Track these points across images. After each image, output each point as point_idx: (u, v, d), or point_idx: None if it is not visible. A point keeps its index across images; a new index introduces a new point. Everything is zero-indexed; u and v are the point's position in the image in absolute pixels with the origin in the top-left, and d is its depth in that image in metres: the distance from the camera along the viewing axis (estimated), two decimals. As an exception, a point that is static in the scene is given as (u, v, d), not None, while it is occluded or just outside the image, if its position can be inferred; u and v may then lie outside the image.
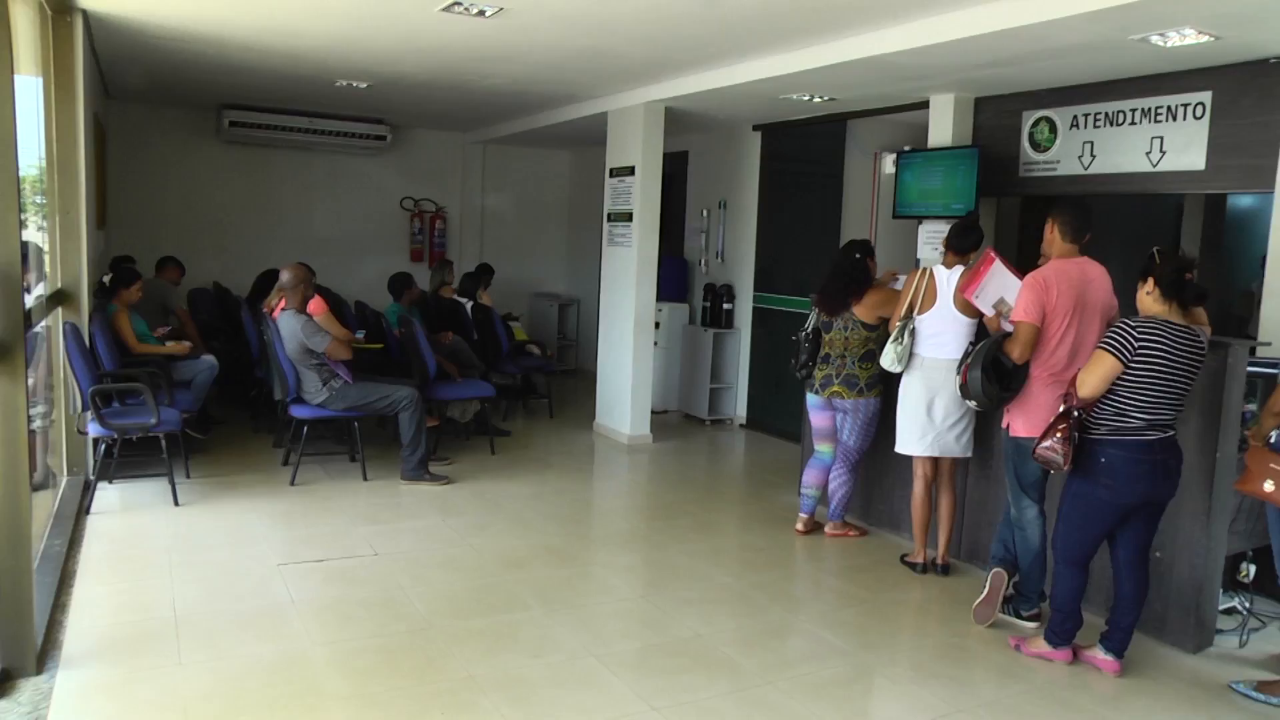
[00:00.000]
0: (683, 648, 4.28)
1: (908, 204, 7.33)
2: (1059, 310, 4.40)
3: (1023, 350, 4.44)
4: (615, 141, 8.74)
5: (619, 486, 7.45)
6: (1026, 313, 4.42)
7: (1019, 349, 4.45)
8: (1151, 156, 6.11)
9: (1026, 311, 4.42)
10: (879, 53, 5.83)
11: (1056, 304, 4.40)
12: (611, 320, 8.79)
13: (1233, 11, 4.68)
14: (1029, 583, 4.74)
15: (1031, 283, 4.45)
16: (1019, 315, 4.45)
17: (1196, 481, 4.45)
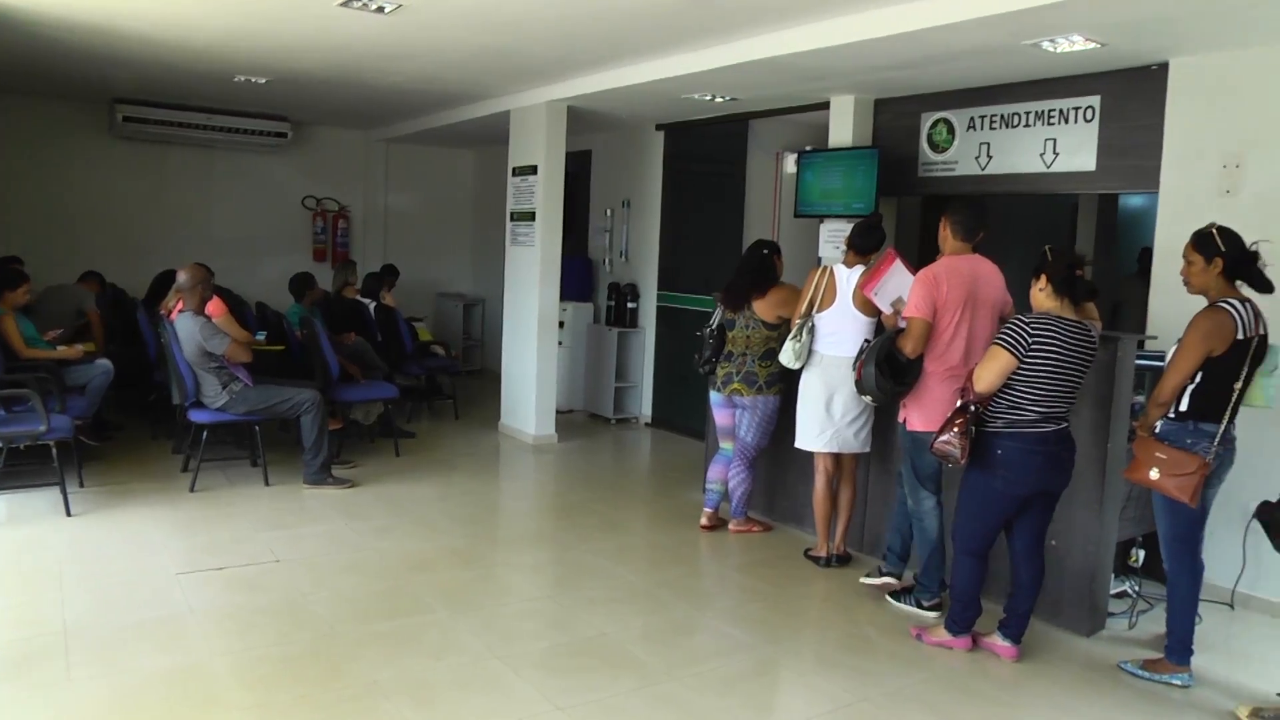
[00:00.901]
0: (588, 647, 4.30)
1: (809, 203, 7.46)
2: (950, 305, 4.54)
3: (915, 345, 4.57)
4: (518, 140, 8.72)
5: (524, 487, 7.45)
6: (918, 308, 4.55)
7: (911, 344, 4.57)
8: (1045, 158, 6.32)
9: (918, 307, 4.55)
10: (779, 54, 5.93)
11: (947, 299, 4.53)
12: (515, 320, 8.78)
13: (1116, 20, 4.89)
14: (929, 573, 4.87)
15: (922, 279, 4.58)
16: (910, 311, 4.58)
17: (1089, 471, 4.63)
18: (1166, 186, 5.65)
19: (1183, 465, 3.99)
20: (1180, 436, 4.10)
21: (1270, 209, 5.00)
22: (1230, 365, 4.00)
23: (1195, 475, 3.97)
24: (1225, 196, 5.29)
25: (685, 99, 7.68)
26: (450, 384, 9.70)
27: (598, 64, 7.17)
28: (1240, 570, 4.75)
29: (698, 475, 7.03)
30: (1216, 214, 4.33)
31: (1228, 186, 5.31)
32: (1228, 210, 4.60)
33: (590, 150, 10.30)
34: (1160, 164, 5.67)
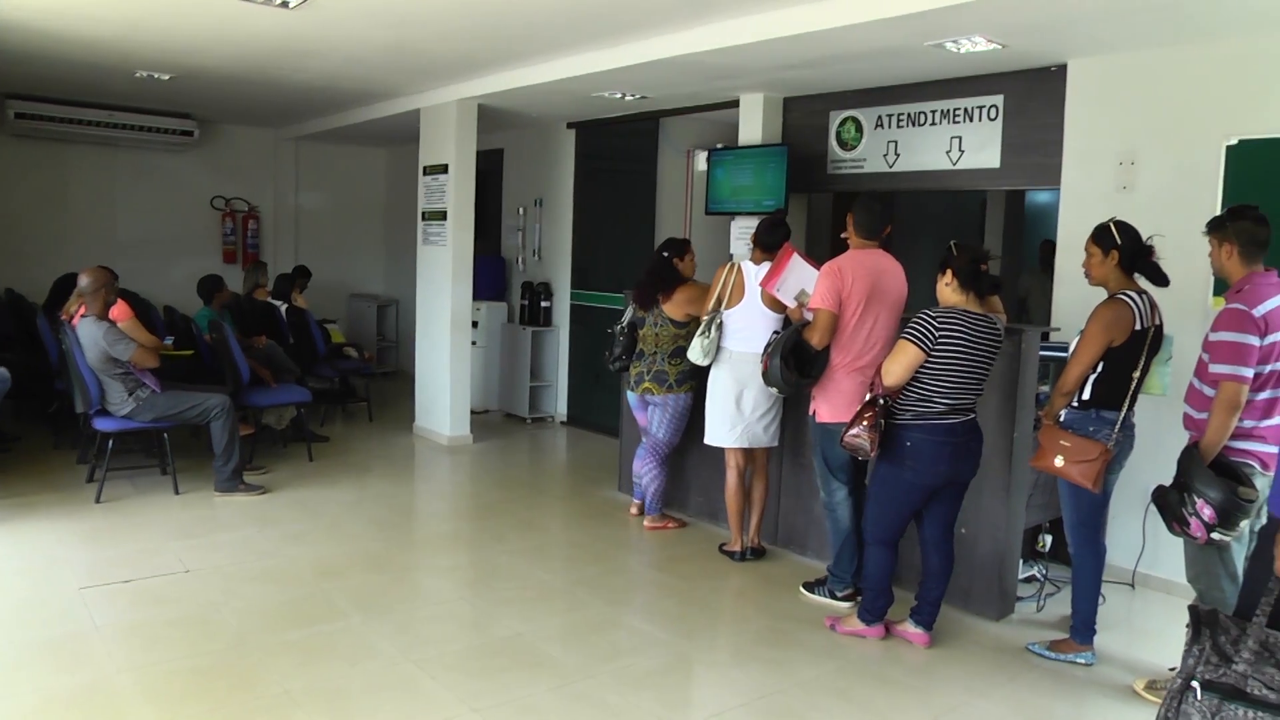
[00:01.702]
0: (503, 647, 4.28)
1: (720, 200, 7.51)
2: (854, 296, 4.61)
3: (821, 335, 4.63)
4: (428, 139, 8.64)
5: (440, 488, 7.38)
6: (823, 300, 4.61)
7: (818, 334, 4.63)
8: (951, 155, 6.46)
9: (823, 299, 4.61)
10: (687, 53, 5.95)
11: (851, 290, 4.61)
12: (428, 320, 8.70)
13: (1016, 23, 5.01)
14: (841, 563, 4.94)
15: (827, 271, 4.65)
16: (816, 303, 4.64)
17: (996, 460, 4.74)
18: (1067, 183, 5.81)
19: (1086, 452, 4.10)
20: (1083, 424, 4.21)
21: (1163, 204, 5.17)
22: (1129, 355, 4.12)
23: (1097, 462, 4.08)
24: (1122, 192, 5.46)
25: (595, 97, 7.68)
26: (364, 386, 9.59)
27: (507, 62, 7.14)
28: (1140, 552, 4.93)
29: (613, 473, 7.07)
30: (1114, 209, 4.48)
31: (1124, 183, 5.48)
32: (1124, 206, 4.75)
33: (502, 149, 10.24)
34: (1061, 161, 5.83)
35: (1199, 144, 5.20)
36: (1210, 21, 4.90)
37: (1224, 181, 5.11)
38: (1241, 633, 2.64)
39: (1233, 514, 3.57)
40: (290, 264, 10.70)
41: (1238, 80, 5.08)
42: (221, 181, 11.42)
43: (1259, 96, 5.00)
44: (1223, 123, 5.12)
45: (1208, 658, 2.65)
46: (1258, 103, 5.01)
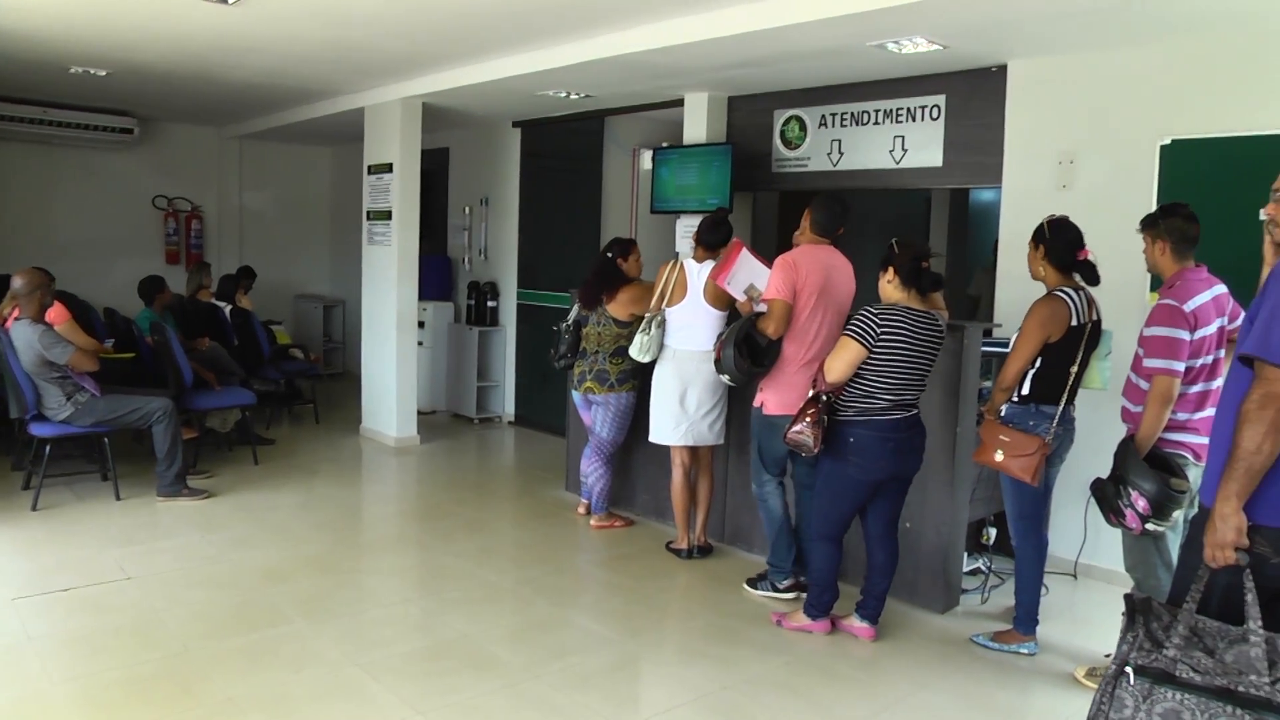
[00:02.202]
0: (449, 649, 4.26)
1: (665, 199, 7.53)
2: (807, 288, 4.65)
3: (777, 325, 4.66)
4: (373, 138, 8.57)
5: (387, 490, 7.32)
6: (778, 290, 4.64)
7: (773, 325, 4.66)
8: (894, 154, 6.52)
9: (778, 290, 4.64)
10: (631, 51, 5.95)
11: (805, 282, 4.65)
12: (374, 321, 8.63)
13: (956, 24, 5.08)
14: (778, 553, 4.99)
15: (781, 263, 4.69)
16: (771, 294, 4.67)
17: (940, 455, 4.79)
18: (1008, 182, 5.90)
19: (1025, 447, 4.16)
20: (1023, 419, 4.27)
21: (1101, 202, 5.25)
22: (1066, 350, 4.18)
23: (1036, 456, 4.14)
24: (1061, 191, 5.55)
25: (540, 96, 7.66)
26: (310, 388, 9.50)
27: (452, 60, 7.10)
28: (1082, 543, 5.03)
29: (560, 472, 7.07)
30: (1055, 208, 4.54)
31: (1063, 181, 5.58)
32: (1064, 204, 4.82)
33: (448, 148, 10.19)
34: (1002, 160, 5.92)
35: (1135, 144, 5.30)
36: (1144, 26, 5.01)
37: (1158, 180, 5.22)
38: (1173, 619, 2.70)
39: (1166, 505, 3.65)
40: (235, 264, 10.54)
41: (1171, 82, 5.19)
42: (163, 181, 11.22)
43: (1190, 98, 5.12)
44: (1157, 123, 5.23)
45: (1140, 644, 2.70)
46: (1189, 104, 5.12)
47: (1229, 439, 2.62)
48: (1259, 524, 2.61)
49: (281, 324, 10.80)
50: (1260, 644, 2.55)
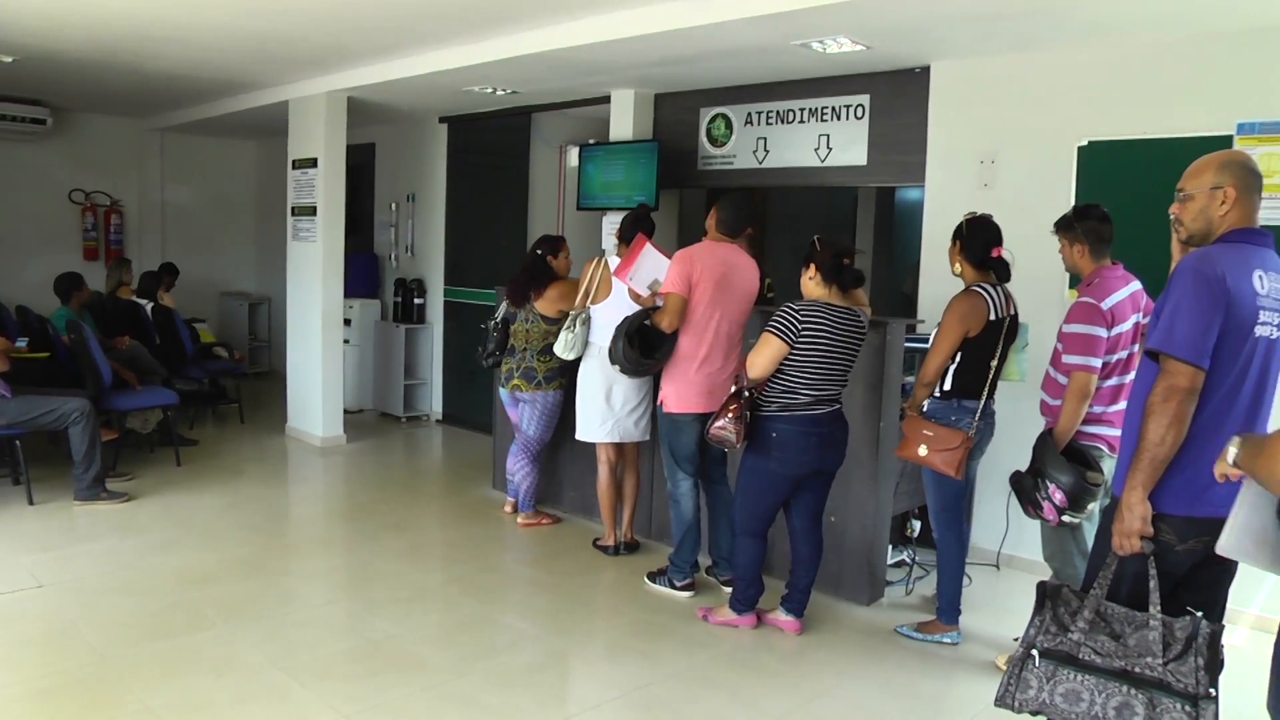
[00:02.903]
0: (374, 650, 4.22)
1: (591, 196, 7.52)
2: (704, 284, 4.68)
3: (671, 319, 4.69)
4: (297, 132, 8.43)
5: (312, 490, 7.23)
6: (674, 284, 4.68)
7: (668, 318, 4.69)
8: (820, 152, 6.58)
9: (673, 283, 4.68)
10: (557, 47, 5.93)
11: (701, 277, 4.68)
12: (299, 319, 8.51)
13: (878, 25, 5.15)
14: (681, 553, 5.02)
15: (679, 257, 4.73)
16: (666, 287, 4.71)
17: (864, 450, 4.85)
18: (931, 181, 5.99)
19: (947, 441, 4.23)
20: (945, 414, 4.35)
21: (1022, 201, 5.35)
22: (985, 344, 4.26)
23: (959, 450, 4.21)
24: (983, 190, 5.64)
25: (467, 92, 7.61)
26: (235, 387, 9.33)
27: (377, 54, 7.00)
28: (1004, 534, 5.16)
29: (488, 471, 7.04)
30: (977, 206, 4.62)
31: (985, 181, 5.68)
32: (986, 203, 4.90)
33: (374, 143, 10.06)
34: (925, 160, 6.01)
35: (1053, 144, 5.43)
36: (1060, 31, 5.13)
37: (1076, 179, 5.35)
38: (1081, 604, 2.80)
39: (1081, 497, 3.73)
40: (156, 261, 10.29)
41: (1088, 86, 5.32)
42: (81, 174, 10.84)
43: (1106, 101, 5.26)
44: (1075, 125, 5.36)
45: (1047, 628, 2.81)
46: (1105, 106, 5.25)
47: (1138, 431, 2.70)
48: (1164, 513, 2.71)
49: (205, 322, 10.59)
50: (1158, 628, 2.66)
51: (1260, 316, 2.67)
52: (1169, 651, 2.63)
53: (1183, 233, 2.91)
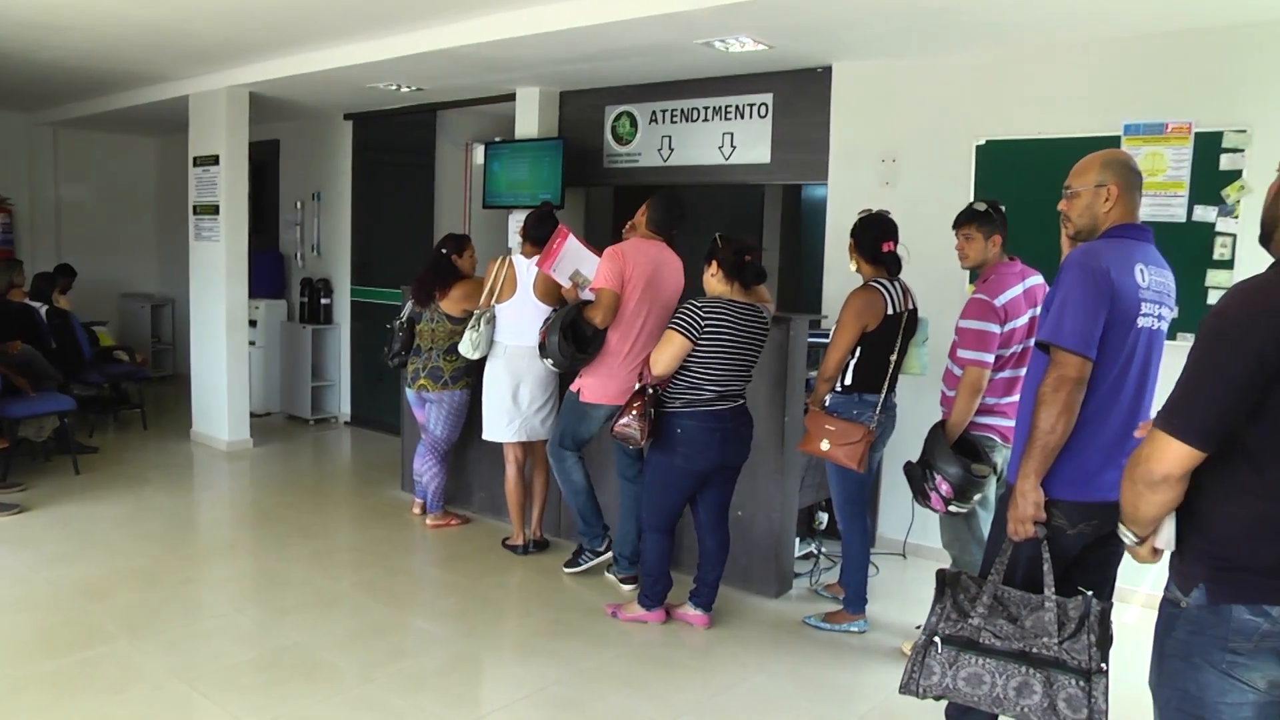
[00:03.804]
0: (280, 658, 4.16)
1: (497, 194, 7.50)
2: (635, 280, 4.71)
3: (604, 315, 4.70)
4: (198, 128, 8.23)
5: (218, 497, 7.07)
6: (607, 280, 4.69)
7: (601, 314, 4.70)
8: (724, 151, 6.65)
9: (606, 279, 4.69)
10: (461, 44, 5.89)
11: (633, 274, 4.70)
12: (203, 320, 8.31)
13: (780, 25, 5.20)
14: (588, 521, 5.10)
15: (611, 253, 4.74)
16: (600, 283, 4.71)
17: (769, 444, 4.91)
18: (834, 179, 6.08)
19: (849, 435, 4.30)
20: (847, 408, 4.42)
21: (922, 199, 5.47)
22: (885, 339, 4.34)
23: (861, 443, 4.28)
24: (885, 188, 5.75)
25: (371, 88, 7.52)
26: (137, 391, 9.08)
27: (278, 48, 6.86)
28: (910, 524, 5.25)
29: (396, 472, 6.99)
30: (878, 204, 4.69)
31: (886, 179, 5.79)
32: (887, 201, 4.98)
33: (278, 140, 9.87)
34: (828, 158, 6.10)
35: (952, 144, 5.56)
36: (956, 34, 5.25)
37: (975, 178, 5.49)
38: (979, 590, 2.87)
39: (967, 489, 3.82)
40: (51, 262, 9.94)
41: (985, 86, 5.47)
42: (-34, 170, 10.45)
43: (1003, 101, 5.41)
44: (973, 125, 5.50)
45: (948, 614, 2.88)
46: (1002, 107, 5.40)
47: (1030, 420, 2.79)
48: (1056, 498, 2.81)
49: (105, 325, 10.29)
50: (1052, 609, 2.76)
51: (1143, 308, 2.78)
52: (1063, 631, 2.73)
53: (1070, 228, 3.01)
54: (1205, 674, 2.03)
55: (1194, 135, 4.84)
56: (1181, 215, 4.87)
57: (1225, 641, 2.00)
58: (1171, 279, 2.93)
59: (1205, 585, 2.05)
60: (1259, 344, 1.90)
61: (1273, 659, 1.98)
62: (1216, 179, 4.80)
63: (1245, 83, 4.72)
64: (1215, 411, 1.96)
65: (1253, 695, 2.00)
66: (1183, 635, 2.09)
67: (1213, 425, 1.96)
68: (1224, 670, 2.01)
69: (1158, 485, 2.02)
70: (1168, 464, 2.00)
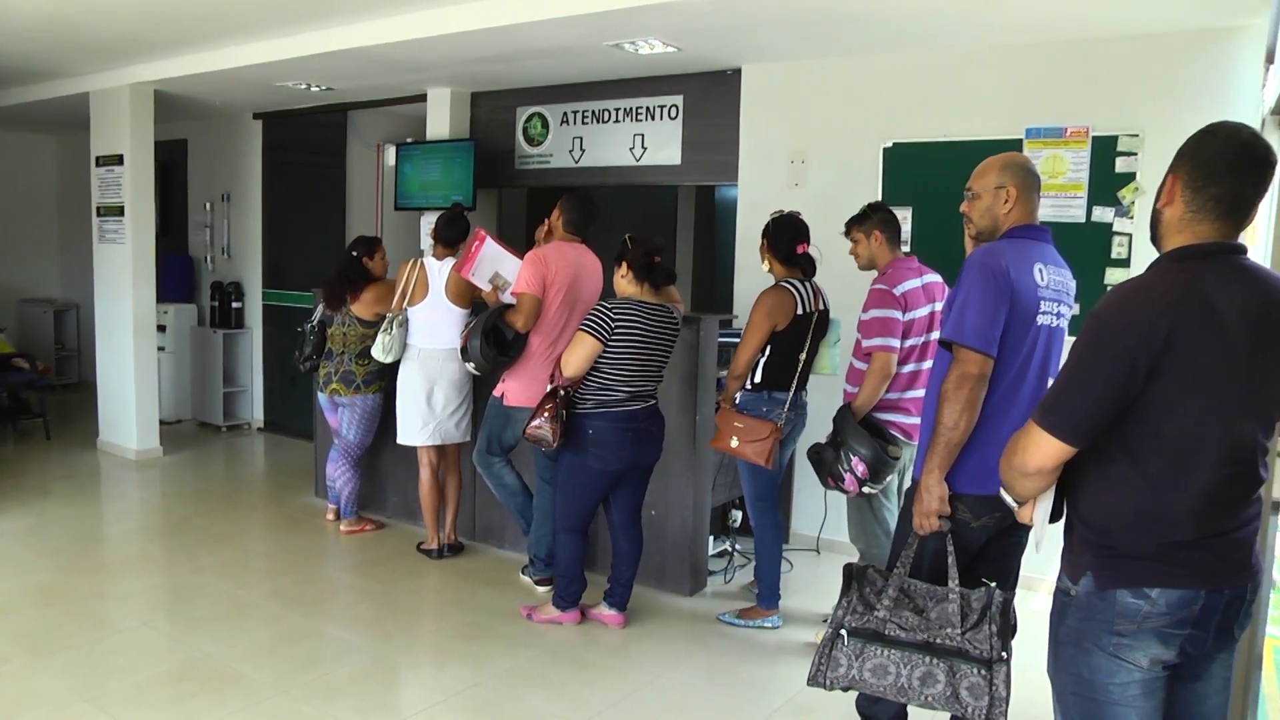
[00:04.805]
0: (189, 671, 4.08)
1: (408, 195, 7.45)
2: (557, 284, 4.72)
3: (526, 320, 4.70)
4: (100, 126, 7.99)
5: (127, 507, 6.89)
6: (529, 285, 4.69)
7: (522, 318, 4.70)
8: (635, 152, 6.68)
9: (528, 284, 4.69)
10: (370, 44, 5.85)
11: (555, 278, 4.71)
12: (109, 325, 8.10)
13: (689, 28, 5.25)
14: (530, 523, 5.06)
15: (532, 258, 4.74)
16: (521, 288, 4.71)
17: (681, 443, 4.95)
18: (744, 180, 6.15)
19: (757, 432, 4.37)
20: (756, 406, 4.47)
21: (831, 199, 5.52)
22: (794, 338, 4.41)
23: (769, 440, 4.35)
24: (794, 189, 5.83)
25: (280, 87, 7.39)
26: (39, 400, 8.81)
27: (185, 45, 6.69)
28: (823, 519, 5.33)
29: (310, 479, 6.90)
30: (788, 205, 4.77)
31: (796, 180, 5.87)
32: (797, 201, 5.06)
33: (185, 139, 9.65)
34: (737, 159, 6.17)
35: (860, 146, 5.67)
36: (866, 39, 5.36)
37: (882, 179, 5.60)
38: (885, 583, 2.94)
39: (881, 469, 3.91)
40: (-57, 267, 9.65)
41: (893, 90, 5.58)
42: None
43: (910, 106, 5.53)
44: (880, 128, 5.62)
45: (854, 608, 2.95)
46: (909, 111, 5.53)
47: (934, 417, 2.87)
48: (960, 492, 2.89)
49: (4, 331, 9.97)
50: (956, 600, 2.84)
51: (1042, 306, 2.87)
52: (966, 621, 2.81)
53: (972, 229, 3.10)
54: (1095, 657, 2.13)
55: (1091, 139, 5.01)
56: (1081, 216, 5.03)
57: (1112, 625, 2.10)
58: (1070, 277, 3.03)
59: (1092, 573, 2.14)
60: (1134, 346, 1.98)
61: (1154, 638, 2.08)
62: (1113, 181, 4.97)
63: (1139, 90, 4.91)
64: (1089, 410, 2.04)
65: (1138, 674, 2.10)
66: (1074, 622, 2.18)
67: (1086, 424, 2.05)
68: (1111, 652, 2.11)
69: (1031, 475, 2.13)
70: (1040, 458, 2.10)
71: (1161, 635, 2.07)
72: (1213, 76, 4.73)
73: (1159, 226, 2.17)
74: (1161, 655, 2.09)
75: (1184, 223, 2.10)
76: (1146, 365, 1.98)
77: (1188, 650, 2.10)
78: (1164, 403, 2.01)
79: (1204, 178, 2.06)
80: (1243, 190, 2.06)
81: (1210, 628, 2.09)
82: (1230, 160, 2.05)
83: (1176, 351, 1.97)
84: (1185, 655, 2.11)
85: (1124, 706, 2.12)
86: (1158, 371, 1.98)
